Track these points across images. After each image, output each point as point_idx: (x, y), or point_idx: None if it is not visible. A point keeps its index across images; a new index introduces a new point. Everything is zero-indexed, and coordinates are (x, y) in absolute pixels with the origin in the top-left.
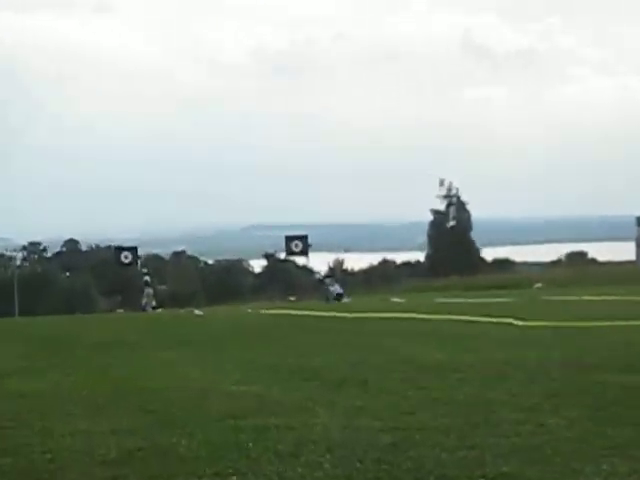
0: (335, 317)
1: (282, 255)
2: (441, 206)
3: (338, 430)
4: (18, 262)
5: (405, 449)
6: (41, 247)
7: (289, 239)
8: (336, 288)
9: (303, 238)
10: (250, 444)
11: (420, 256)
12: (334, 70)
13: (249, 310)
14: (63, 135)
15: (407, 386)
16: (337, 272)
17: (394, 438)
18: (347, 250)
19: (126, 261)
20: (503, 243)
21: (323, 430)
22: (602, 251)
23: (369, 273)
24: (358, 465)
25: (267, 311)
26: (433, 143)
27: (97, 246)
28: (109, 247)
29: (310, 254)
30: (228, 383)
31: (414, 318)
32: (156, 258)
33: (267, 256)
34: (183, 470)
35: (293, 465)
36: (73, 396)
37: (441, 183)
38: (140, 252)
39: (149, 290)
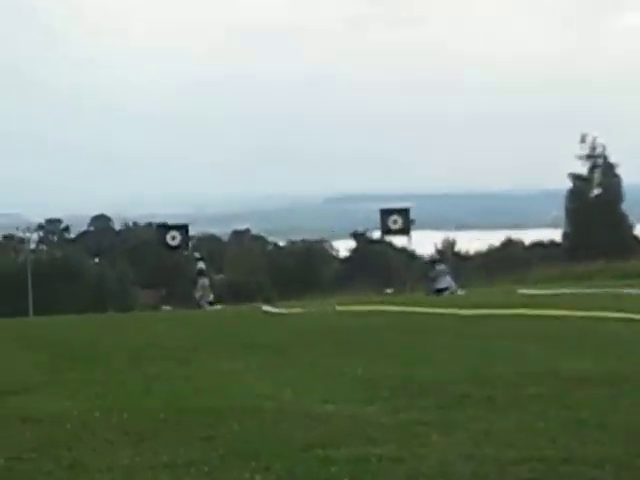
0: (447, 315)
1: (376, 234)
2: (583, 169)
3: (459, 462)
4: (32, 245)
5: None
6: (62, 226)
7: (385, 213)
8: (446, 280)
9: (404, 212)
10: None
11: (555, 235)
12: None
13: (337, 307)
14: (87, 78)
15: (545, 404)
16: (447, 256)
17: (532, 472)
18: (460, 228)
19: (173, 243)
20: None
21: (439, 462)
22: None
23: (489, 257)
24: None
25: (358, 307)
26: (574, 84)
27: (135, 224)
28: (150, 225)
29: (413, 233)
30: (311, 401)
31: (551, 316)
32: (212, 239)
33: (356, 236)
34: None
35: None
36: (109, 420)
37: (583, 139)
38: (191, 231)
39: (204, 280)
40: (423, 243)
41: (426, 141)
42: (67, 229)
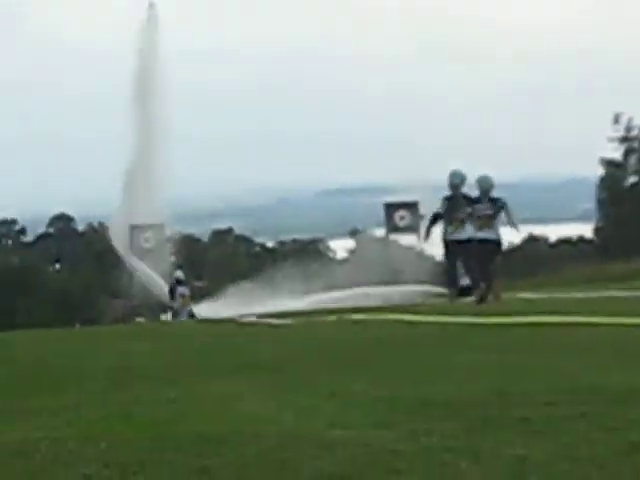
0: (466, 324)
1: (378, 232)
2: (616, 154)
3: None
4: None
5: None
6: (17, 227)
7: (390, 208)
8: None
9: (412, 207)
10: None
11: (585, 230)
12: None
13: (334, 317)
14: (38, 39)
15: (588, 426)
16: None
17: None
18: None
19: (147, 245)
20: None
21: None
22: None
23: (509, 256)
24: None
25: (361, 316)
26: (604, 55)
27: (101, 224)
28: None
29: (422, 229)
30: (318, 425)
31: (584, 323)
32: (189, 240)
33: (355, 234)
34: None
35: None
36: (84, 451)
37: (616, 120)
38: (167, 232)
39: (183, 289)
40: (434, 241)
41: (431, 123)
42: (23, 231)
